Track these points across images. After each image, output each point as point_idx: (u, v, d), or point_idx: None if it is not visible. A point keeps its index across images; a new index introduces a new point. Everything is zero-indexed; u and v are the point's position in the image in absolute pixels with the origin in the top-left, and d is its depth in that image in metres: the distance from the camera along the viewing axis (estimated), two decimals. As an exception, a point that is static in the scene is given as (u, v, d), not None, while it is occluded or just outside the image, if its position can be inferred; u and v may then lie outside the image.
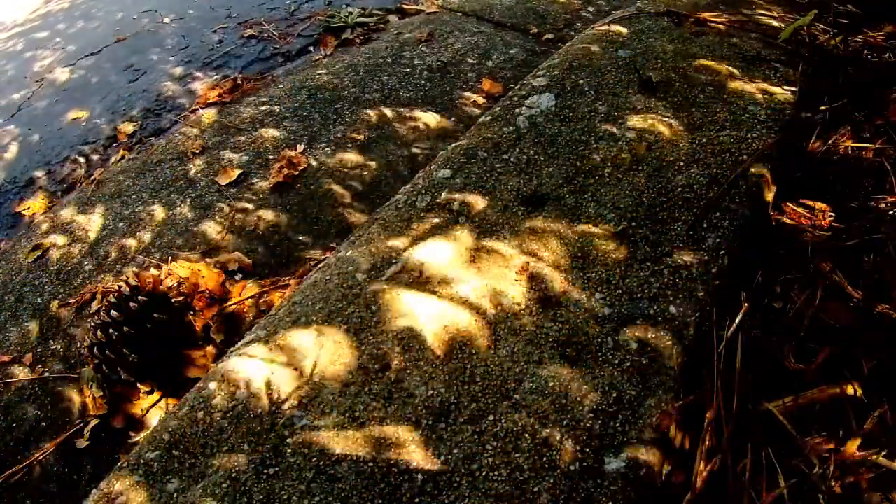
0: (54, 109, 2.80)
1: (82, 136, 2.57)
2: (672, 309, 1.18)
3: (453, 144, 1.66)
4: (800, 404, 1.08)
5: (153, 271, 1.64)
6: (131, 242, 1.87)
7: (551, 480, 0.98)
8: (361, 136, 2.13)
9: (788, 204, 1.47)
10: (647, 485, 0.98)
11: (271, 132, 2.20)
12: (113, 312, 1.46)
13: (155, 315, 1.50)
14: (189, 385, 1.23)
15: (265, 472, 1.05)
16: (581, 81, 1.77)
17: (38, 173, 2.42)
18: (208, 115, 2.39)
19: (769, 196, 1.44)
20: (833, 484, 0.96)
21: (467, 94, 2.29)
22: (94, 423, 1.47)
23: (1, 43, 3.71)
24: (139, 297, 1.48)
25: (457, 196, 1.47)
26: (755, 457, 1.02)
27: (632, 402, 1.06)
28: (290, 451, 1.07)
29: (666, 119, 1.59)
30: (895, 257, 1.25)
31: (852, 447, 1.00)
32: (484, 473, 1.00)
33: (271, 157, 2.08)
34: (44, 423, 1.51)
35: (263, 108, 2.34)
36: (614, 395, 1.07)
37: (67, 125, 2.66)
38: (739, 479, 1.00)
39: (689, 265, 1.25)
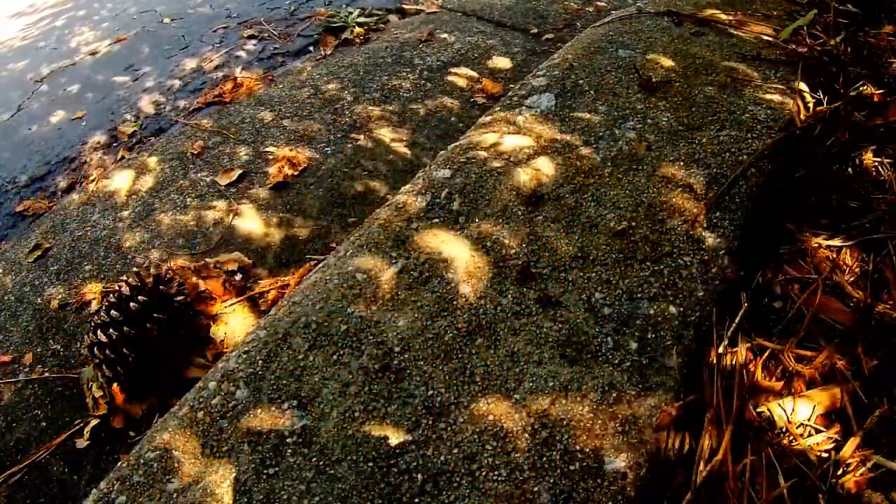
0: (54, 109, 2.80)
1: (82, 136, 2.57)
2: (672, 309, 1.18)
3: (453, 144, 1.66)
4: (800, 404, 1.08)
5: (153, 271, 1.64)
6: (131, 243, 1.87)
7: (551, 480, 0.98)
8: (361, 136, 2.13)
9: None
10: (647, 484, 0.98)
11: (271, 132, 2.20)
12: (113, 312, 1.46)
13: (155, 315, 1.50)
14: (189, 385, 1.23)
15: (265, 472, 1.05)
16: (581, 81, 1.77)
17: (38, 173, 2.42)
18: (208, 114, 2.39)
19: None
20: (833, 484, 0.96)
21: (467, 93, 2.29)
22: (94, 423, 1.47)
23: (0, 41, 3.71)
24: (139, 298, 1.48)
25: (456, 196, 1.47)
26: (755, 457, 1.02)
27: (632, 402, 1.06)
28: (289, 451, 1.07)
29: (665, 119, 1.59)
30: (895, 257, 1.25)
31: (852, 447, 1.01)
32: (484, 473, 1.00)
33: (271, 157, 2.08)
34: (44, 423, 1.51)
35: (263, 107, 2.34)
36: (614, 395, 1.07)
37: (67, 125, 2.66)
38: (739, 479, 1.00)
39: (689, 265, 1.25)
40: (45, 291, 1.80)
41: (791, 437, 1.04)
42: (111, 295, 1.52)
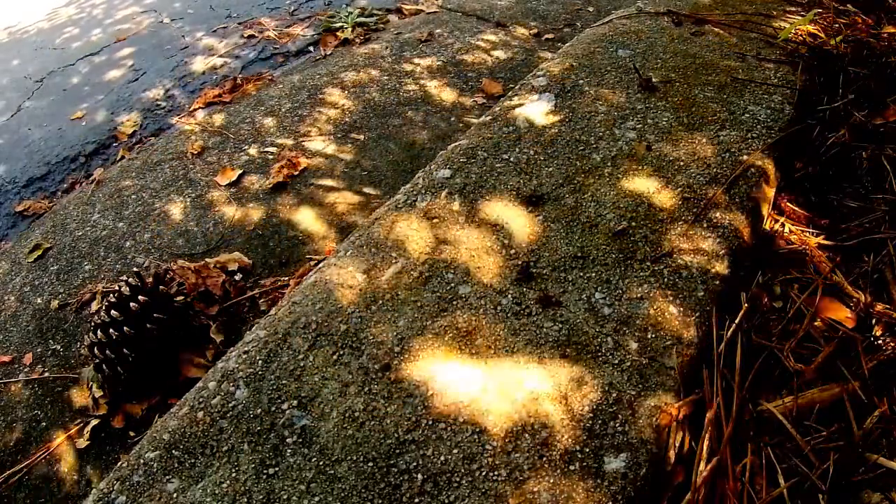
0: (54, 109, 2.80)
1: (82, 136, 2.57)
2: (672, 309, 1.18)
3: (453, 144, 1.66)
4: (800, 404, 1.08)
5: (153, 271, 1.64)
6: (131, 242, 1.87)
7: (551, 480, 0.98)
8: (362, 136, 2.13)
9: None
10: (647, 484, 0.98)
11: (271, 132, 2.20)
12: (113, 312, 1.46)
13: (155, 315, 1.50)
14: (189, 385, 1.23)
15: (265, 472, 1.05)
16: (581, 81, 1.77)
17: (38, 173, 2.42)
18: (208, 115, 2.39)
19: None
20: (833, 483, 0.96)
21: (467, 93, 2.29)
22: (94, 423, 1.47)
23: (2, 43, 3.71)
24: (139, 298, 1.48)
25: (456, 196, 1.47)
26: (755, 457, 1.02)
27: (632, 402, 1.06)
28: (289, 451, 1.07)
29: (665, 119, 1.59)
30: (895, 257, 1.25)
31: (852, 445, 1.00)
32: (484, 473, 1.00)
33: (271, 157, 2.08)
34: (44, 423, 1.51)
35: (263, 107, 2.34)
36: (614, 395, 1.07)
37: (67, 125, 2.66)
38: (739, 479, 1.00)
39: (689, 265, 1.25)
40: (45, 291, 1.80)
41: (791, 437, 1.04)
42: (111, 295, 1.52)
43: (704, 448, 1.02)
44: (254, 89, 2.50)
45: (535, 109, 1.70)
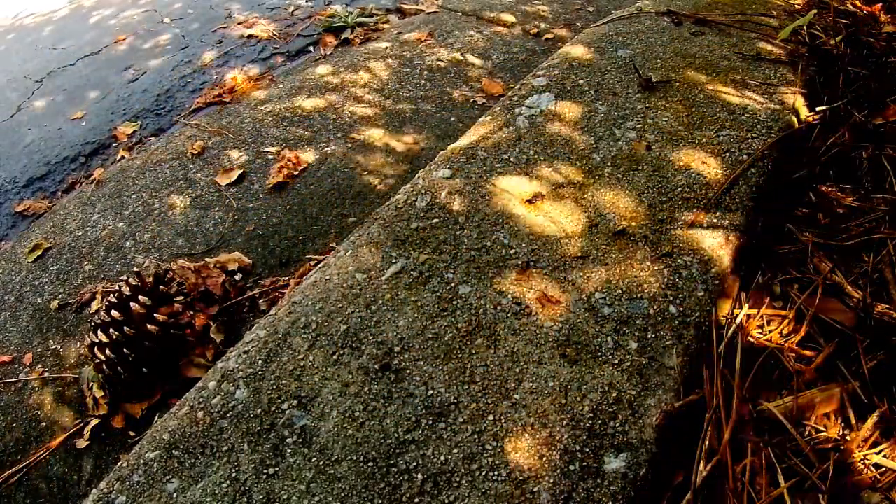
0: (54, 109, 2.80)
1: (82, 136, 2.56)
2: (672, 309, 1.18)
3: (453, 144, 1.66)
4: (800, 404, 1.08)
5: (153, 271, 1.64)
6: (131, 242, 1.87)
7: (551, 480, 0.98)
8: (362, 137, 2.13)
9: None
10: (647, 485, 0.98)
11: (271, 132, 2.20)
12: (113, 312, 1.46)
13: (155, 315, 1.50)
14: (189, 385, 1.23)
15: (265, 472, 1.05)
16: (581, 81, 1.77)
17: (38, 173, 2.42)
18: (208, 114, 2.39)
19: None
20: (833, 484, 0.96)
21: (467, 93, 2.29)
22: (94, 423, 1.47)
23: (2, 42, 3.71)
24: (140, 298, 1.48)
25: (456, 196, 1.47)
26: (755, 457, 1.02)
27: (632, 402, 1.06)
28: (289, 451, 1.07)
29: (665, 119, 1.59)
30: (895, 257, 1.25)
31: (852, 446, 1.01)
32: (484, 473, 1.00)
33: (271, 157, 2.08)
34: (44, 423, 1.51)
35: (263, 107, 2.34)
36: (614, 395, 1.07)
37: (67, 125, 2.66)
38: (739, 478, 1.00)
39: (689, 265, 1.25)
40: (45, 291, 1.80)
41: (791, 437, 1.04)
42: (111, 295, 1.52)
43: (704, 448, 1.02)
44: (254, 89, 2.50)
45: (536, 109, 1.70)
